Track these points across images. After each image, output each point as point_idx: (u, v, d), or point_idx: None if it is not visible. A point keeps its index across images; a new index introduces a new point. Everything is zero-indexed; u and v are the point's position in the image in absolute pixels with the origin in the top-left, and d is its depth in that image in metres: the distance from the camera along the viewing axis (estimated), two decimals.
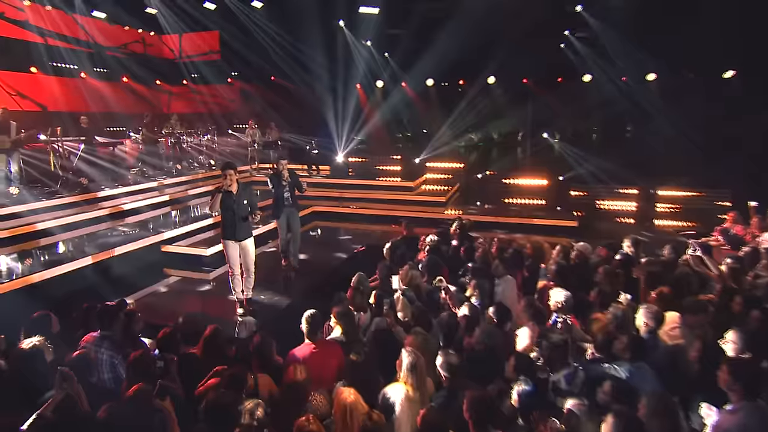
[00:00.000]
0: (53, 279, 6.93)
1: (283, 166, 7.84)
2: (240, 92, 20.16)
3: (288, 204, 7.92)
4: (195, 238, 9.28)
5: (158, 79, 19.21)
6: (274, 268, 8.47)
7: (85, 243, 8.41)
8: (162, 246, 8.79)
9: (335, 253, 9.20)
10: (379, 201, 12.50)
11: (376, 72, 18.17)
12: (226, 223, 6.31)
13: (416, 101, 18.48)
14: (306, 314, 4.14)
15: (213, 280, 7.95)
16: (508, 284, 5.55)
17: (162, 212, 10.79)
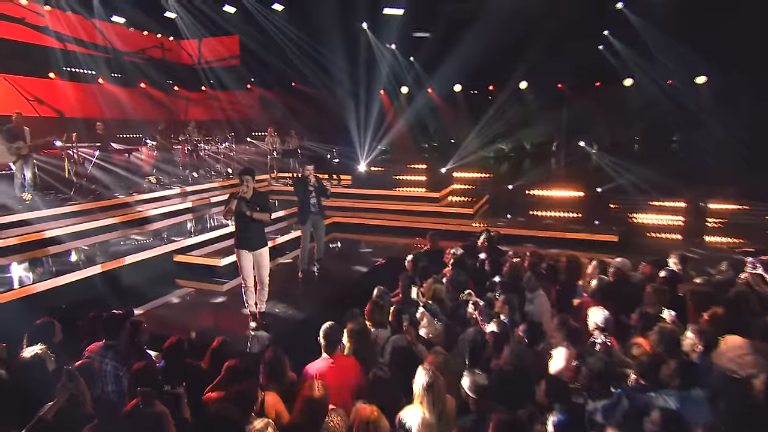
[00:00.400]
0: (61, 288, 7.00)
1: (310, 172, 7.99)
2: (259, 99, 20.41)
3: (314, 211, 8.14)
4: (209, 248, 9.34)
5: (176, 85, 19.62)
6: (289, 280, 8.45)
7: (96, 251, 8.51)
8: (174, 256, 8.85)
9: (355, 266, 9.18)
10: (403, 212, 12.51)
11: (401, 77, 18.19)
12: (240, 232, 6.31)
13: (443, 108, 18.41)
14: (324, 327, 4.09)
15: (226, 292, 7.96)
16: (541, 301, 5.41)
17: (176, 221, 10.91)
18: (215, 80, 19.68)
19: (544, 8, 12.67)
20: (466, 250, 7.04)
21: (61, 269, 7.40)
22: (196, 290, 8.12)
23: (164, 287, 8.03)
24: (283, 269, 9.13)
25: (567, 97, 17.11)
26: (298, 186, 8.03)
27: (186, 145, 14.58)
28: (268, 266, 6.46)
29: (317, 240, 8.34)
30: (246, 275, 6.34)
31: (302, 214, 8.13)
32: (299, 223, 8.24)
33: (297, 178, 8.14)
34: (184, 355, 4.20)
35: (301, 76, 17.98)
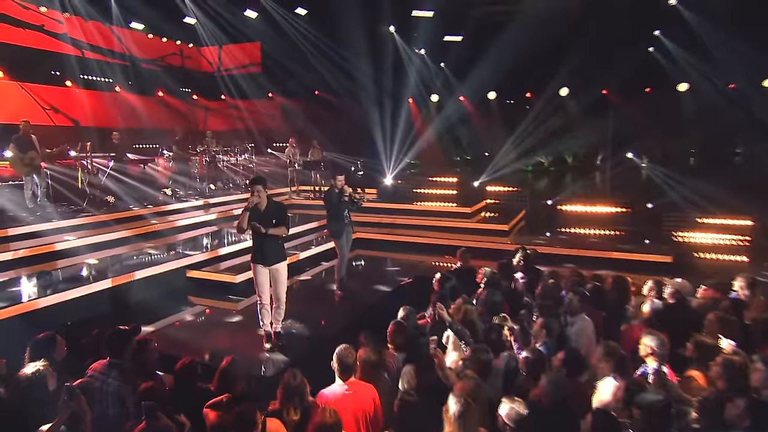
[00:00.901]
0: (67, 303, 7.04)
1: (342, 182, 8.11)
2: (281, 108, 20.70)
3: (347, 222, 8.28)
4: (224, 264, 9.35)
5: (195, 93, 20.05)
6: (308, 298, 8.41)
7: (107, 265, 8.59)
8: (188, 271, 8.88)
9: (379, 285, 9.08)
10: (431, 228, 12.41)
11: (430, 84, 18.20)
12: (256, 245, 6.29)
13: (475, 117, 18.33)
14: (337, 350, 4.03)
15: (241, 311, 7.94)
16: (584, 325, 5.23)
17: (191, 235, 11.03)
18: (235, 88, 20.05)
19: (587, 7, 12.46)
20: (500, 269, 6.93)
21: (69, 283, 7.47)
22: (210, 308, 8.14)
23: (176, 304, 8.04)
24: (302, 287, 9.10)
25: (613, 105, 16.67)
26: (331, 197, 8.09)
27: (204, 156, 14.81)
28: (285, 283, 6.40)
29: (341, 257, 8.30)
30: (261, 291, 6.29)
31: (336, 227, 8.22)
32: (333, 236, 8.32)
33: (329, 189, 8.21)
34: (197, 379, 4.15)
35: (324, 83, 18.20)
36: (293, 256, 9.83)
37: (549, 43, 13.32)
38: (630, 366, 4.17)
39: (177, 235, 10.78)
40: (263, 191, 6.09)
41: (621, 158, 16.79)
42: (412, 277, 9.19)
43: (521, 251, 7.41)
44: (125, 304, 7.64)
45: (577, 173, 17.62)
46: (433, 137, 18.65)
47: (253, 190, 6.07)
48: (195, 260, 9.15)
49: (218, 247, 9.83)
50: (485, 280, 6.44)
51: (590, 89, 15.92)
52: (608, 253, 10.21)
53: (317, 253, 10.55)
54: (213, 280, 8.76)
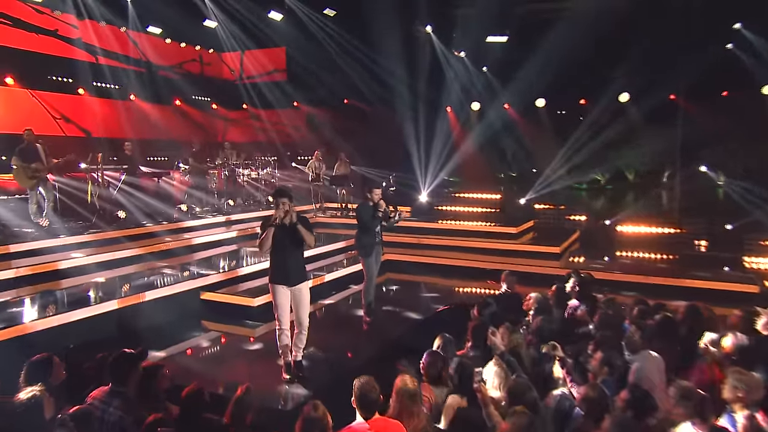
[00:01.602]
0: (70, 325, 7.09)
1: (379, 196, 8.16)
2: (306, 118, 20.90)
3: (378, 241, 8.31)
4: (242, 286, 9.37)
5: (215, 102, 20.46)
6: (332, 324, 8.39)
7: (115, 285, 8.70)
8: (202, 293, 8.92)
9: (411, 312, 9.03)
10: (472, 250, 12.35)
11: (471, 90, 18.12)
12: (276, 263, 6.24)
13: (522, 127, 18.14)
14: (356, 384, 3.96)
15: (259, 338, 7.93)
16: (653, 362, 4.99)
17: (207, 254, 11.16)
18: (258, 97, 20.36)
19: None
20: (552, 295, 6.89)
21: (73, 304, 7.55)
22: (225, 334, 8.14)
23: (188, 329, 8.07)
24: (326, 312, 9.09)
25: (682, 111, 16.15)
26: (365, 211, 8.11)
27: (222, 169, 14.98)
28: (308, 305, 6.34)
29: (369, 278, 8.29)
30: (281, 315, 6.23)
31: (367, 245, 8.19)
32: (362, 255, 8.29)
33: (362, 202, 8.26)
34: (205, 408, 4.09)
35: (354, 90, 18.31)
36: (317, 278, 9.84)
37: (605, 41, 13.10)
38: (709, 409, 3.97)
39: (191, 255, 10.93)
40: (290, 204, 6.06)
41: (692, 172, 16.19)
42: (450, 305, 9.08)
43: (575, 276, 7.29)
44: (133, 327, 7.68)
45: (639, 191, 17.08)
46: (474, 150, 18.51)
47: (278, 202, 6.03)
48: (210, 281, 9.20)
49: (236, 268, 9.87)
50: (535, 307, 6.34)
51: (655, 94, 15.27)
52: (678, 281, 9.89)
53: (344, 275, 10.53)
54: (229, 303, 8.77)
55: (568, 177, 17.30)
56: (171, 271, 9.63)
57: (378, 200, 8.10)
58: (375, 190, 8.18)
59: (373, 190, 8.17)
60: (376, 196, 8.13)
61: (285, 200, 6.01)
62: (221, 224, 12.98)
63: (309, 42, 17.47)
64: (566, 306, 6.83)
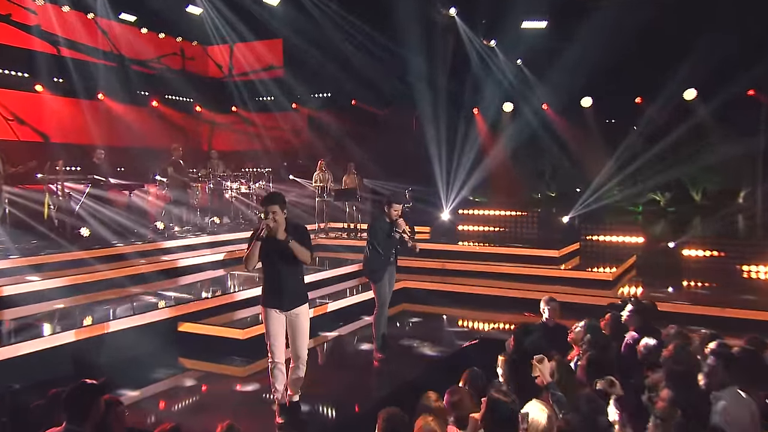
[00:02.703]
0: (14, 361, 7.03)
1: (398, 214, 8.18)
2: (308, 122, 20.96)
3: (391, 262, 8.39)
4: (228, 316, 9.35)
5: (199, 103, 20.61)
6: (337, 360, 8.53)
7: (75, 312, 8.70)
8: (179, 324, 8.88)
9: (430, 348, 9.02)
10: (505, 277, 12.39)
11: (504, 88, 18.08)
12: (268, 284, 6.21)
13: (564, 132, 18.04)
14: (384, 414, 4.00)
15: (248, 378, 7.89)
16: (739, 404, 4.83)
17: (187, 280, 11.15)
18: (250, 98, 20.49)
19: None
20: (605, 324, 6.85)
21: (21, 335, 7.52)
22: (206, 373, 8.08)
23: (161, 367, 8.00)
24: (329, 347, 9.13)
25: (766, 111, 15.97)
26: (380, 229, 8.17)
27: (207, 182, 15.04)
28: (306, 334, 6.27)
29: (380, 306, 8.32)
30: (275, 345, 6.16)
31: (378, 267, 8.23)
32: (373, 279, 8.33)
33: (378, 219, 8.35)
34: None
35: (365, 89, 18.30)
36: (320, 307, 9.87)
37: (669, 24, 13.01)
38: None
39: (168, 280, 10.94)
40: (281, 213, 6.00)
41: None
42: (478, 339, 9.10)
43: (634, 303, 7.20)
44: (93, 363, 7.62)
45: (709, 214, 16.67)
46: (506, 160, 18.44)
47: (266, 211, 5.99)
48: (190, 310, 9.17)
49: (221, 295, 9.88)
50: (586, 338, 6.25)
51: (729, 89, 14.82)
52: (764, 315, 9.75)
53: (351, 304, 10.57)
54: (212, 336, 8.72)
55: (619, 195, 17.12)
56: (143, 298, 9.62)
57: (396, 217, 8.15)
58: (395, 206, 8.19)
59: (393, 205, 8.18)
60: (395, 213, 8.15)
61: (275, 208, 5.95)
62: (205, 246, 13.02)
63: (311, 32, 17.56)
64: (623, 338, 6.75)
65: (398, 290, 10.82)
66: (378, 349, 8.31)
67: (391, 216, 8.14)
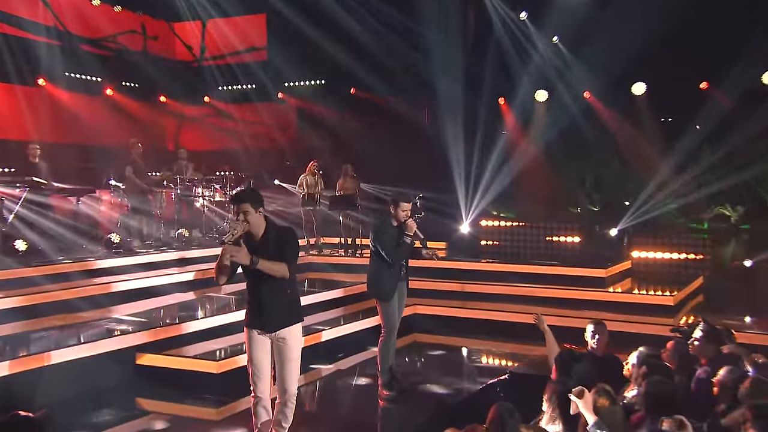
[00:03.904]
0: None
1: (407, 214, 8.15)
2: (297, 114, 20.98)
3: (402, 276, 8.39)
4: (199, 346, 9.32)
5: (164, 93, 20.65)
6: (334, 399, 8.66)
7: (7, 342, 8.66)
8: (138, 355, 8.84)
9: (449, 384, 9.14)
10: (539, 301, 12.30)
11: (537, 72, 18.05)
12: (252, 301, 6.21)
13: (611, 126, 18.01)
14: None
15: (223, 421, 7.88)
16: None
17: (148, 304, 11.11)
18: (226, 86, 20.50)
19: None
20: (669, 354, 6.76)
21: None
22: (171, 417, 8.03)
23: (114, 409, 7.98)
24: (326, 383, 9.21)
25: None
26: (386, 235, 8.15)
27: (174, 188, 15.02)
28: (297, 362, 6.22)
29: (389, 332, 8.33)
30: (258, 376, 6.10)
31: (386, 282, 8.22)
32: (380, 297, 8.33)
33: (382, 223, 8.35)
34: None
35: (366, 76, 18.32)
36: (313, 335, 9.90)
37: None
38: None
39: (125, 304, 10.87)
40: (255, 213, 5.97)
41: None
42: (508, 374, 9.13)
43: (705, 329, 7.06)
44: (27, 404, 7.52)
45: None
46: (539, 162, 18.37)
47: (238, 211, 5.96)
48: (151, 339, 9.15)
49: (188, 320, 9.90)
50: (644, 371, 6.17)
51: None
52: None
53: (350, 333, 10.66)
54: (179, 370, 8.70)
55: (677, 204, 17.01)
56: (92, 325, 9.63)
57: (405, 219, 8.09)
58: (403, 205, 8.14)
59: (401, 204, 8.14)
60: (404, 213, 8.10)
61: (246, 207, 5.91)
62: (170, 264, 13.06)
63: (301, 3, 17.60)
64: (692, 371, 6.65)
65: (407, 317, 10.81)
66: (384, 386, 8.28)
67: (398, 217, 8.10)
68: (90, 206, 14.23)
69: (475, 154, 17.92)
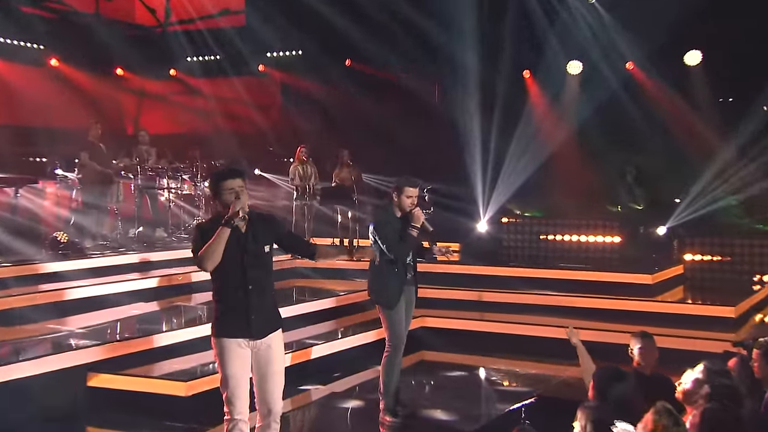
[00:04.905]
0: None
1: (413, 201, 8.09)
2: (282, 91, 20.99)
3: (409, 279, 8.29)
4: (163, 366, 9.31)
5: (121, 65, 20.69)
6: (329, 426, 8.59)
7: None
8: (89, 376, 8.81)
9: (462, 410, 9.11)
10: (571, 312, 12.41)
11: (570, 40, 18.04)
12: (229, 302, 6.17)
13: (659, 103, 18.01)
14: None
15: None
16: None
17: (102, 315, 11.10)
18: (197, 56, 20.53)
19: None
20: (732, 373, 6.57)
21: None
22: None
23: None
24: (318, 408, 9.23)
25: None
26: (388, 227, 8.05)
27: (134, 179, 15.04)
28: (283, 373, 6.24)
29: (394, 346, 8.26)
30: (235, 395, 6.05)
31: (392, 285, 8.13)
32: (385, 306, 8.22)
33: (384, 214, 8.25)
34: None
35: (363, 43, 18.33)
36: (301, 351, 9.93)
37: None
38: None
39: (74, 315, 10.91)
40: (246, 194, 5.99)
41: None
42: (535, 398, 9.12)
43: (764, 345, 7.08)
44: None
45: None
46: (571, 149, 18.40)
47: (232, 187, 5.96)
48: (105, 356, 9.14)
49: (151, 334, 9.90)
50: (705, 389, 6.09)
51: None
52: None
53: (346, 349, 10.71)
54: (139, 393, 8.65)
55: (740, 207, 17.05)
56: (35, 339, 9.62)
57: (411, 208, 8.01)
58: (408, 190, 8.04)
59: (406, 190, 8.03)
60: (409, 201, 8.02)
61: (239, 182, 5.98)
62: (129, 268, 13.07)
63: None
64: (761, 393, 6.55)
65: (413, 330, 10.80)
66: (387, 412, 8.25)
67: (403, 206, 8.02)
68: (31, 200, 14.30)
69: (494, 139, 17.96)
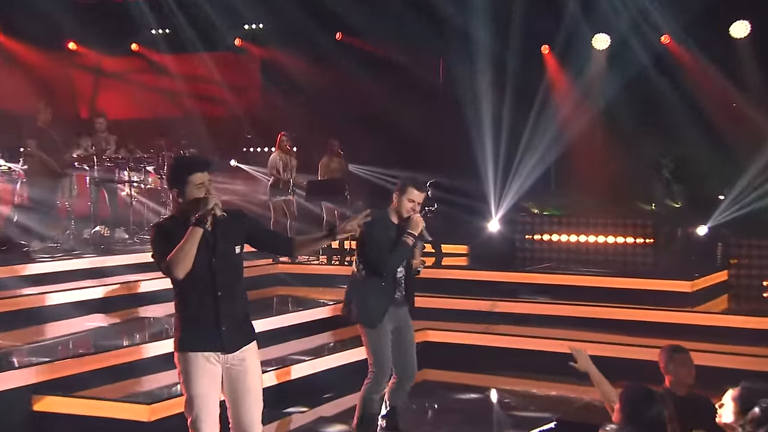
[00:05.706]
0: None
1: (415, 205, 8.05)
2: (261, 69, 21.04)
3: (398, 298, 8.20)
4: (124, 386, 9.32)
5: (74, 39, 20.72)
6: None
7: None
8: (34, 399, 8.84)
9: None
10: (595, 324, 12.56)
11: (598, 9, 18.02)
12: (197, 313, 6.14)
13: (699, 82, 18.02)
14: None
15: None
16: None
17: (51, 329, 11.20)
18: (163, 28, 20.56)
19: None
20: None
21: None
22: None
23: None
24: None
25: None
26: (379, 231, 7.92)
27: (90, 170, 15.02)
28: (260, 390, 6.27)
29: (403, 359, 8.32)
30: (204, 415, 6.05)
31: (373, 300, 8.08)
32: (366, 324, 8.14)
33: (378, 216, 7.83)
34: None
35: (356, 14, 18.37)
36: (282, 370, 9.97)
37: None
38: None
39: (18, 329, 10.92)
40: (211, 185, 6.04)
41: None
42: (554, 422, 9.11)
43: None
44: None
45: None
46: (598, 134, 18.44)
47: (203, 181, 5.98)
48: (54, 375, 9.16)
49: (106, 350, 9.93)
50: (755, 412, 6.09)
51: None
52: None
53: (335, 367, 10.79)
54: (94, 418, 8.64)
55: None
56: None
57: (412, 213, 7.97)
58: (412, 192, 7.98)
59: (409, 191, 7.96)
60: (410, 206, 7.97)
61: (207, 176, 6.02)
62: (82, 274, 13.08)
63: None
64: None
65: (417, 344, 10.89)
66: None
67: (402, 209, 7.98)
68: None
69: (506, 124, 17.97)
